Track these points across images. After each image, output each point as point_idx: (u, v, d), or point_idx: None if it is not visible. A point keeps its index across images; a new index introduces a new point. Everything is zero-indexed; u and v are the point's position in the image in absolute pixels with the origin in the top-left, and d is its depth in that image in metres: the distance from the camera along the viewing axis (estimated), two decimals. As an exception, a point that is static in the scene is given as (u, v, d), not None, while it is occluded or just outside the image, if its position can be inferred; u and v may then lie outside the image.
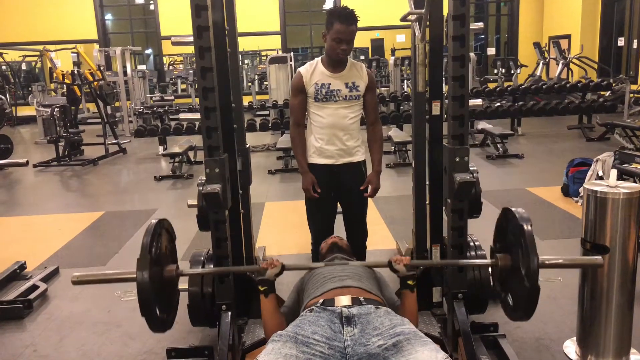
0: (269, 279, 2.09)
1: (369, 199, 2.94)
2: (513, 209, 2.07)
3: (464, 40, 2.13)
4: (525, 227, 1.96)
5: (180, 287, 2.57)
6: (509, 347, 2.42)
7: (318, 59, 2.79)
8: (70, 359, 2.58)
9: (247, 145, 3.08)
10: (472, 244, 2.60)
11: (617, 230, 2.21)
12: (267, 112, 10.15)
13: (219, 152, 2.18)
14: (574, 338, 2.48)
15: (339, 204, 2.97)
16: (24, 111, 13.97)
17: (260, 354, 1.64)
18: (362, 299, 1.85)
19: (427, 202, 2.74)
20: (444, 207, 2.54)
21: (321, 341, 1.65)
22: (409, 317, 2.03)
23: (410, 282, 2.07)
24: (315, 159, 2.82)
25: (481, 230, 2.77)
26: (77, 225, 4.83)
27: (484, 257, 2.57)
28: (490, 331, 2.54)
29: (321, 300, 1.87)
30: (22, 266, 3.69)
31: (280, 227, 4.51)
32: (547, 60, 13.20)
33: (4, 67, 14.95)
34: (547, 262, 1.99)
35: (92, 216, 5.11)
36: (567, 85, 9.21)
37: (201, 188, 2.31)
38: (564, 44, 13.33)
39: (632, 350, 2.37)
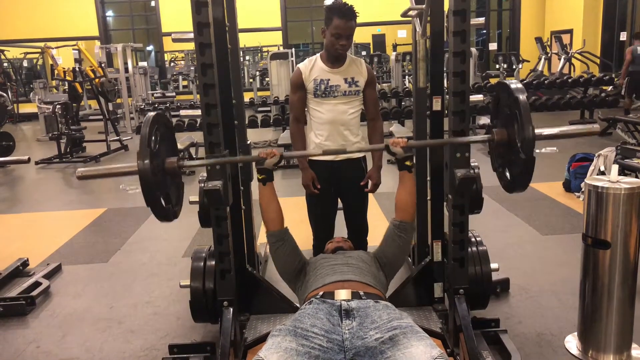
0: (267, 168, 2.15)
1: (370, 195, 2.94)
2: (507, 81, 2.01)
3: (465, 36, 2.13)
4: (519, 97, 1.88)
5: (182, 283, 2.59)
6: (510, 342, 2.42)
7: (317, 55, 2.79)
8: (72, 355, 2.59)
9: (249, 142, 3.08)
10: (473, 239, 2.60)
11: (619, 225, 2.21)
12: (268, 109, 10.14)
13: (220, 149, 2.19)
14: (575, 333, 2.49)
15: (339, 200, 2.97)
16: (25, 108, 13.99)
17: (261, 349, 1.65)
18: (362, 293, 1.86)
19: (428, 197, 2.74)
20: (445, 203, 2.54)
21: (320, 334, 1.66)
22: (407, 196, 2.17)
23: (407, 162, 2.16)
24: (315, 156, 2.82)
25: (482, 226, 2.77)
26: (79, 222, 4.85)
27: (485, 253, 2.57)
28: (491, 326, 2.55)
29: (321, 293, 1.88)
30: (25, 263, 3.71)
31: (282, 224, 4.50)
32: (549, 55, 13.16)
33: (5, 64, 14.95)
34: (543, 133, 1.94)
35: (94, 213, 5.12)
36: (569, 80, 9.18)
37: (202, 185, 2.31)
38: (566, 38, 13.29)
39: (634, 345, 2.37)
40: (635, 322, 2.35)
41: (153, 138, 1.92)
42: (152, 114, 1.99)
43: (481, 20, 4.44)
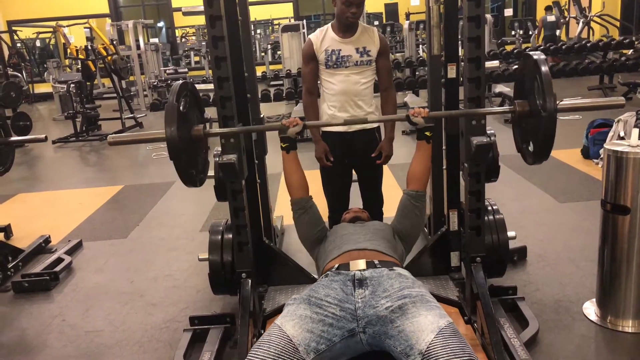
0: (290, 136, 2.16)
1: (385, 166, 2.93)
2: (531, 52, 2.00)
3: (479, 0, 2.08)
4: (541, 68, 1.88)
5: (200, 256, 2.62)
6: (527, 309, 2.42)
7: (328, 25, 2.75)
8: (97, 328, 2.66)
9: (262, 115, 3.07)
10: (489, 207, 2.58)
11: (639, 190, 2.18)
12: (281, 82, 10.08)
13: (233, 122, 2.18)
14: (594, 299, 2.48)
15: (354, 172, 2.97)
16: (40, 88, 14.08)
17: (278, 317, 1.69)
18: (376, 262, 1.87)
19: (444, 167, 2.72)
20: (461, 172, 2.52)
21: (333, 303, 1.69)
22: (423, 166, 2.19)
23: (427, 133, 2.17)
24: (328, 127, 2.80)
25: (499, 195, 2.74)
26: (98, 199, 4.92)
27: (502, 221, 2.55)
28: (509, 294, 2.55)
29: (337, 265, 1.89)
30: (47, 240, 3.78)
31: (297, 197, 4.51)
32: (567, 19, 12.82)
33: (18, 45, 15.00)
34: (565, 106, 1.94)
35: (112, 190, 5.19)
36: (588, 44, 8.96)
37: (217, 159, 2.32)
38: (584, 1, 12.90)
39: (653, 311, 2.36)
40: (654, 288, 2.33)
41: (180, 105, 1.95)
42: (179, 82, 2.02)
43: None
